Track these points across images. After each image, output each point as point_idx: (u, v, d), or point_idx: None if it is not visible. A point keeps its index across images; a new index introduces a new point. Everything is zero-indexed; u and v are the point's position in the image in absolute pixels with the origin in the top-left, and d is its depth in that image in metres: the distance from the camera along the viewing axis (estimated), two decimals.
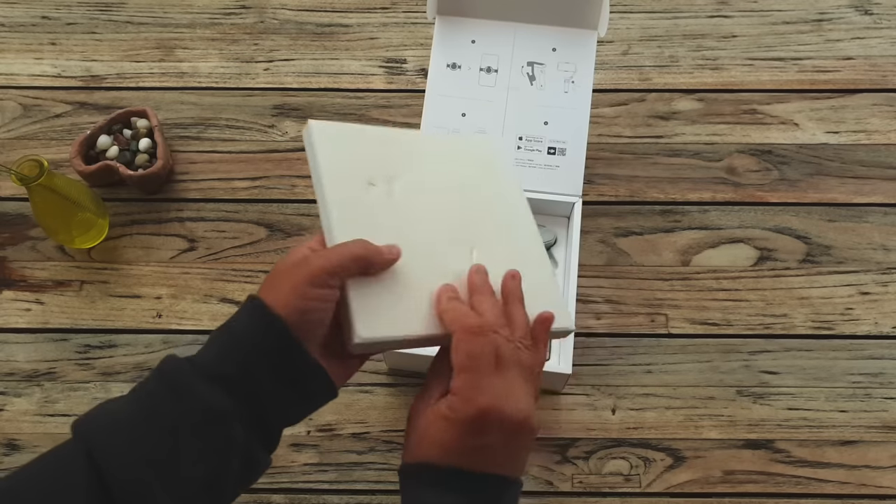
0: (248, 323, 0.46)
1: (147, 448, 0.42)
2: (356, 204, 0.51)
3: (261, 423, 0.45)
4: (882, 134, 0.85)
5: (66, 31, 0.91)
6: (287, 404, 0.46)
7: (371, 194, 0.52)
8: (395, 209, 0.52)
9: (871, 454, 0.72)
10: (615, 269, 0.79)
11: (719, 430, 0.73)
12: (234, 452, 0.44)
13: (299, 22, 0.92)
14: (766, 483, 0.71)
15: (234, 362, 0.45)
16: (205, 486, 0.43)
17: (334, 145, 0.52)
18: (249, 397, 0.44)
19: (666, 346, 0.76)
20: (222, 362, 0.45)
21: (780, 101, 0.87)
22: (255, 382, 0.45)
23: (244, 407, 0.44)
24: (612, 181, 0.83)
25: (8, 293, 0.78)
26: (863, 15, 0.91)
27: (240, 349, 0.45)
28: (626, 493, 0.71)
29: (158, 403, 0.43)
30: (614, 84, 0.88)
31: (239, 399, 0.44)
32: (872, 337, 0.76)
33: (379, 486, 0.71)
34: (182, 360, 0.45)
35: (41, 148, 0.85)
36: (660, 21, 0.92)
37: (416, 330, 0.49)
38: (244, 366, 0.44)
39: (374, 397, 0.74)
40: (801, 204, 0.82)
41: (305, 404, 0.48)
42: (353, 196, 0.51)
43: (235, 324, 0.46)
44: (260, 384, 0.45)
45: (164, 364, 0.45)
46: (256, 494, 0.70)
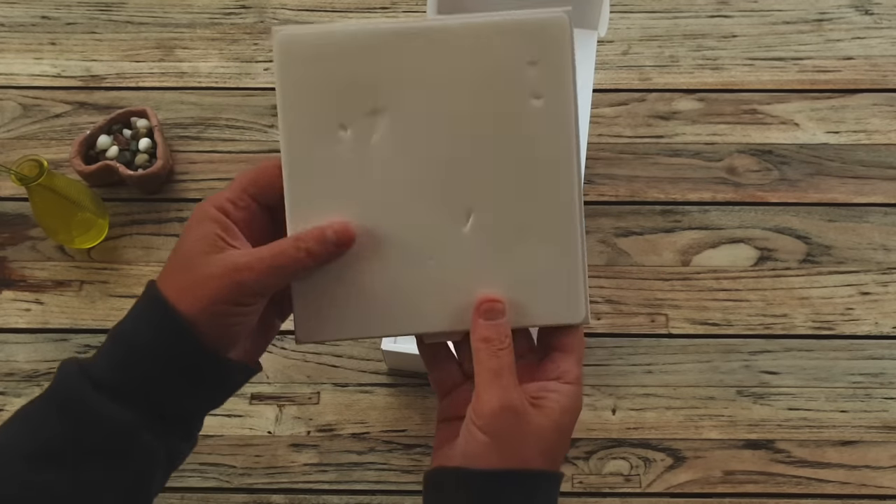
0: (147, 324, 0.40)
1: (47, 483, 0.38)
2: (319, 163, 0.41)
3: (175, 423, 0.42)
4: (882, 134, 0.85)
5: (66, 30, 0.91)
6: (201, 402, 0.43)
7: (340, 145, 0.41)
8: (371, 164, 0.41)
9: (872, 454, 0.72)
10: (615, 269, 0.79)
11: (719, 430, 0.73)
12: (150, 462, 0.40)
13: (299, 22, 0.92)
14: (766, 483, 0.71)
15: (132, 371, 0.40)
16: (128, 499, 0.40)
17: (304, 71, 0.41)
18: (156, 405, 0.40)
19: (666, 347, 0.76)
20: (119, 371, 0.40)
21: (780, 101, 0.87)
22: (159, 390, 0.40)
23: (151, 417, 0.40)
24: (613, 181, 0.83)
25: (8, 293, 0.78)
26: (863, 15, 0.91)
27: (137, 356, 0.40)
28: (626, 494, 0.70)
29: (53, 433, 0.39)
30: (614, 84, 0.88)
31: (144, 409, 0.40)
32: (873, 337, 0.76)
33: (379, 487, 0.71)
34: (75, 371, 0.40)
35: (41, 148, 0.85)
36: (660, 21, 0.92)
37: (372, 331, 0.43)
38: (145, 374, 0.40)
39: (374, 397, 0.74)
40: (801, 204, 0.82)
41: (223, 394, 0.44)
42: (316, 151, 0.41)
43: (130, 324, 0.41)
44: (166, 392, 0.40)
45: (56, 385, 0.40)
46: (256, 494, 0.70)
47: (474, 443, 0.40)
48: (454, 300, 0.42)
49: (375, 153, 0.42)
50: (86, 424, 0.39)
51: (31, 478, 0.38)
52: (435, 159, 0.42)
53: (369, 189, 0.42)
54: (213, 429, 0.73)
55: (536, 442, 0.40)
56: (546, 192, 0.42)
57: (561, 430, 0.41)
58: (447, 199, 0.42)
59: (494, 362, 0.40)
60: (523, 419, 0.40)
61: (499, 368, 0.40)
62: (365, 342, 0.76)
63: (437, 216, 0.42)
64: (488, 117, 0.41)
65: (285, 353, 0.75)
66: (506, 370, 0.40)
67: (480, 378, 0.40)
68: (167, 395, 0.40)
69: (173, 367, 0.40)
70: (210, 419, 0.72)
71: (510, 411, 0.39)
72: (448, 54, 0.41)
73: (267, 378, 0.74)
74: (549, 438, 0.40)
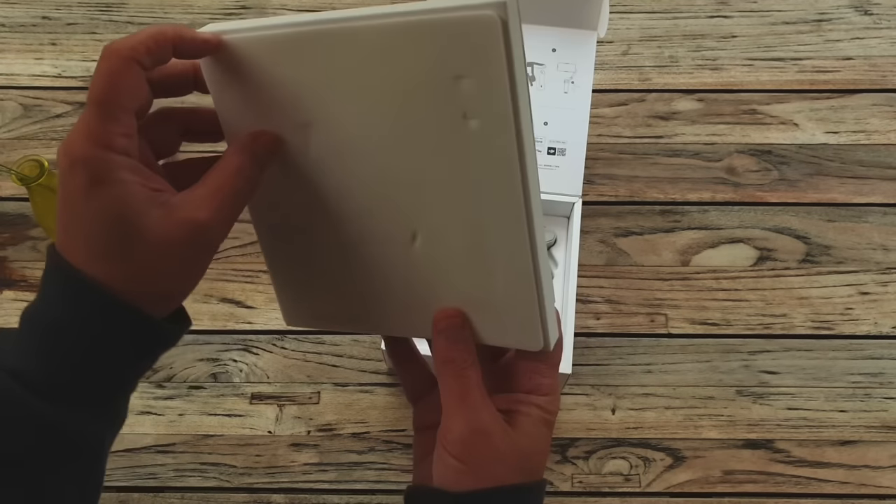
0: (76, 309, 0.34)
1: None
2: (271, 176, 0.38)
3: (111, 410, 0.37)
4: (882, 134, 0.85)
5: (67, 31, 0.91)
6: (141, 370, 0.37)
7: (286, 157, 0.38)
8: (315, 178, 0.38)
9: (871, 454, 0.72)
10: (615, 269, 0.79)
11: (719, 429, 0.73)
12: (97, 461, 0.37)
13: None
14: (765, 483, 0.71)
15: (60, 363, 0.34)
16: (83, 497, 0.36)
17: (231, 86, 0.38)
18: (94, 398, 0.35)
19: (666, 346, 0.76)
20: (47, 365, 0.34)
21: (779, 102, 0.87)
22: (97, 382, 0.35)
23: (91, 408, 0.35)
24: (612, 181, 0.83)
25: (8, 293, 0.78)
26: (862, 15, 0.91)
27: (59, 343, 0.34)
28: (625, 493, 0.71)
29: None
30: (614, 84, 0.88)
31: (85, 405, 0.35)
32: (872, 337, 0.76)
33: (379, 486, 0.71)
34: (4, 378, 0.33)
35: (41, 148, 0.85)
36: (659, 21, 0.92)
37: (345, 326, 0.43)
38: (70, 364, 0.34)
39: (374, 397, 0.74)
40: (800, 204, 0.82)
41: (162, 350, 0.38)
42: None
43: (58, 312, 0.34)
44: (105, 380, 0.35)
45: None
46: (256, 494, 0.70)
47: (447, 468, 0.38)
48: (416, 309, 0.40)
49: (315, 167, 0.38)
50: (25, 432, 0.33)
51: None
52: (371, 178, 0.37)
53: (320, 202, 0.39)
54: (214, 429, 0.73)
55: (512, 460, 0.38)
56: (492, 218, 0.36)
57: (536, 442, 0.39)
58: (392, 219, 0.38)
59: (458, 385, 0.38)
60: (495, 439, 0.37)
61: (463, 391, 0.38)
62: (365, 342, 0.76)
63: (385, 234, 0.39)
64: (420, 136, 0.35)
65: (285, 353, 0.76)
66: (472, 390, 0.38)
67: (446, 402, 0.38)
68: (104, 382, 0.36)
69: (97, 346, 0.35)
70: (210, 419, 0.73)
71: (479, 434, 0.37)
72: (367, 60, 0.34)
73: (267, 378, 0.75)
74: (525, 454, 0.38)
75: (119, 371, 0.36)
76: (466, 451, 0.37)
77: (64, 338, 0.34)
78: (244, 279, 0.79)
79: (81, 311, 0.34)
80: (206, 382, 0.74)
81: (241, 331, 0.76)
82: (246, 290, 0.78)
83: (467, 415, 0.37)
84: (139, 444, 0.72)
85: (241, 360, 0.75)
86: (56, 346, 0.34)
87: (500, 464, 0.38)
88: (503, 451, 0.38)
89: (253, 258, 0.80)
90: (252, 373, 0.75)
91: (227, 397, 0.74)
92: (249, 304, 0.78)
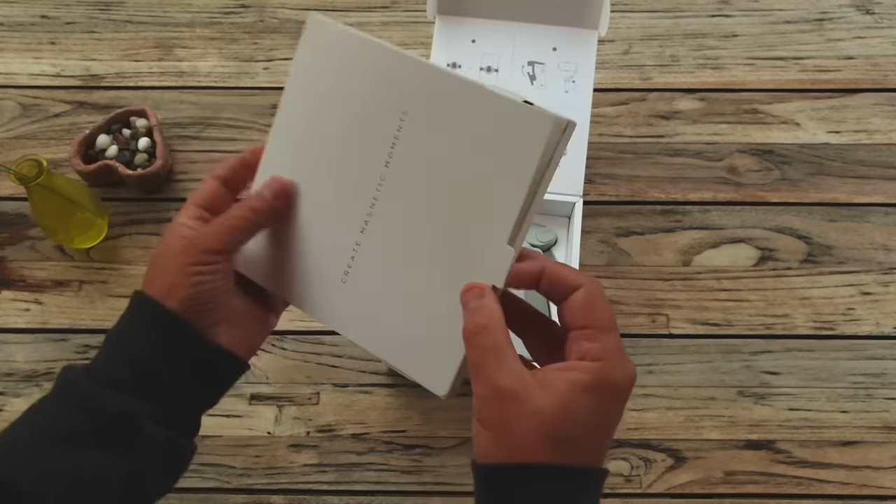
0: (138, 321, 0.44)
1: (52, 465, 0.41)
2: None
3: (172, 413, 0.44)
4: (883, 134, 0.85)
5: (66, 30, 0.91)
6: (194, 391, 0.46)
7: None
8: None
9: (873, 455, 0.72)
10: (616, 269, 0.79)
11: (720, 430, 0.72)
12: (151, 451, 0.43)
13: (299, 21, 0.92)
14: (767, 484, 0.71)
15: (129, 364, 0.44)
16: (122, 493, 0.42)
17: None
18: (152, 392, 0.43)
19: (667, 347, 0.76)
20: (118, 367, 0.44)
21: (781, 101, 0.87)
22: (155, 380, 0.44)
23: (150, 404, 0.43)
24: (613, 181, 0.83)
25: (7, 293, 0.78)
26: (864, 14, 0.91)
27: (132, 350, 0.44)
28: (626, 494, 0.70)
29: (60, 419, 0.42)
30: (615, 83, 0.88)
31: (143, 398, 0.43)
32: (874, 337, 0.76)
33: (379, 487, 0.71)
34: (78, 369, 0.44)
35: (40, 147, 0.85)
36: (661, 20, 0.91)
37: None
38: (141, 366, 0.43)
39: (374, 397, 0.74)
40: (802, 204, 0.82)
41: (216, 388, 0.47)
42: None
43: (125, 325, 0.45)
44: (159, 378, 0.44)
45: (61, 380, 0.44)
46: (256, 495, 0.70)
47: (477, 435, 0.37)
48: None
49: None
50: (88, 411, 0.42)
51: (39, 459, 0.41)
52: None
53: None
54: (213, 429, 0.72)
55: (535, 426, 0.35)
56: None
57: (568, 409, 0.35)
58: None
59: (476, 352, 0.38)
60: (516, 401, 0.36)
61: (482, 356, 0.37)
62: None
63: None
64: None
65: (285, 353, 0.75)
66: (491, 352, 0.37)
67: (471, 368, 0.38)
68: (161, 383, 0.44)
69: (163, 353, 0.44)
70: (209, 420, 0.72)
71: (497, 396, 0.36)
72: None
73: (266, 378, 0.74)
74: (551, 421, 0.35)
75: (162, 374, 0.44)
76: (489, 415, 0.36)
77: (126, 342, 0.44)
78: None
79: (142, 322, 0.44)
80: None
81: None
82: None
83: (485, 379, 0.37)
84: None
85: None
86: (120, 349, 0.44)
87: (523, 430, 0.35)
88: (524, 415, 0.35)
89: None
90: (251, 373, 0.74)
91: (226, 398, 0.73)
92: None
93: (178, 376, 0.44)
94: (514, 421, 0.36)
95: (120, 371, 0.43)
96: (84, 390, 0.42)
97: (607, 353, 0.37)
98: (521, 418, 0.35)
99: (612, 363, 0.37)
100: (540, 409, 0.35)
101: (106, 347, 0.45)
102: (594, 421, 0.36)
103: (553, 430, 0.35)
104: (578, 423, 0.36)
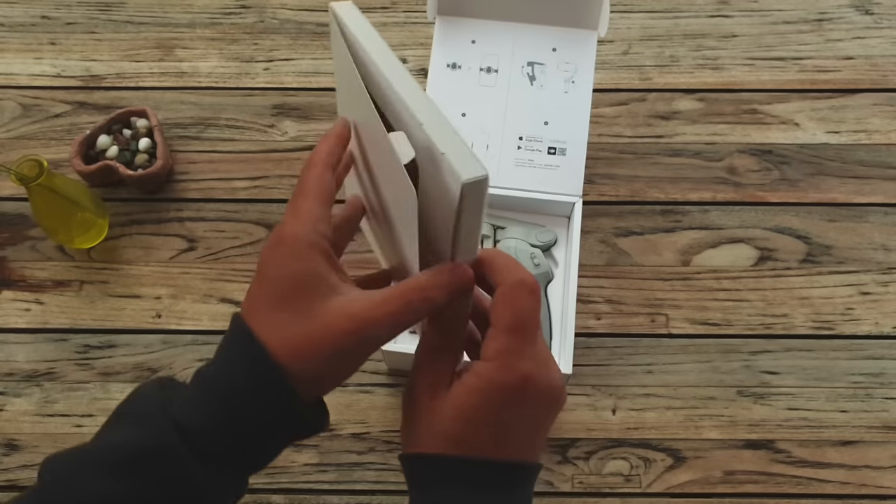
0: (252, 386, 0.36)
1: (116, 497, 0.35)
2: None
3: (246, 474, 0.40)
4: (883, 134, 0.85)
5: (66, 30, 0.91)
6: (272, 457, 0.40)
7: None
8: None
9: (872, 454, 0.72)
10: (615, 269, 0.79)
11: (720, 430, 0.73)
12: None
13: (299, 22, 0.92)
14: (766, 483, 0.71)
15: (233, 435, 0.37)
16: None
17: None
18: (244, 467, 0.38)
19: (666, 347, 0.76)
20: (218, 434, 0.36)
21: (780, 101, 0.87)
22: (254, 453, 0.38)
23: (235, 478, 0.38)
24: (613, 181, 0.83)
25: (7, 293, 0.78)
26: (863, 15, 0.91)
27: (241, 419, 0.37)
28: (626, 494, 0.70)
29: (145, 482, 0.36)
30: (615, 84, 0.88)
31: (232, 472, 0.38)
32: (873, 337, 0.76)
33: (379, 487, 0.71)
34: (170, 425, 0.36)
35: (41, 148, 0.85)
36: (660, 21, 0.91)
37: None
38: (245, 440, 0.37)
39: (374, 397, 0.74)
40: (801, 204, 0.82)
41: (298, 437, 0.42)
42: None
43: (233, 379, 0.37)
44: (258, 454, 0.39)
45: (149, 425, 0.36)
46: (256, 495, 0.70)
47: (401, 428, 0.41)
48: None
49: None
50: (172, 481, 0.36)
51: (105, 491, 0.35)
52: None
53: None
54: None
55: (429, 424, 0.38)
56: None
57: (458, 409, 0.37)
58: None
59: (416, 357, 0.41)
60: (418, 405, 0.39)
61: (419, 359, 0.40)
62: None
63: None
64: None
65: None
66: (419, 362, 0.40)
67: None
68: (257, 453, 0.38)
69: (270, 426, 0.37)
70: None
71: (408, 399, 0.40)
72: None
73: None
74: (445, 420, 0.37)
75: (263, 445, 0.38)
76: (404, 413, 0.40)
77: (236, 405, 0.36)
78: (244, 279, 0.79)
79: (256, 381, 0.36)
80: None
81: None
82: (245, 290, 0.78)
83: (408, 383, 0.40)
84: None
85: None
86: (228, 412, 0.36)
87: (420, 429, 0.39)
88: (423, 417, 0.38)
89: (252, 258, 0.80)
90: None
91: None
92: None
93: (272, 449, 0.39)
94: (414, 420, 0.39)
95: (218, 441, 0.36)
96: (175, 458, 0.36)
97: (499, 354, 0.37)
98: (419, 419, 0.39)
99: (503, 364, 0.37)
100: (436, 412, 0.38)
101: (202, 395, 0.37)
102: (488, 419, 0.37)
103: (446, 429, 0.38)
104: (469, 421, 0.37)
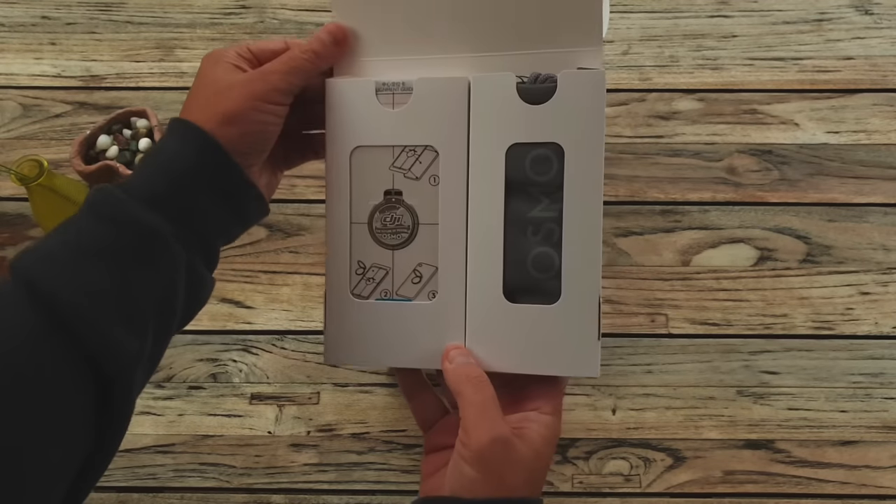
0: (180, 146, 0.43)
1: (92, 277, 0.39)
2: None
3: (199, 240, 0.44)
4: (882, 134, 0.85)
5: (66, 31, 0.91)
6: (222, 223, 0.45)
7: None
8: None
9: (872, 454, 0.72)
10: (615, 269, 0.79)
11: (719, 430, 0.73)
12: (178, 272, 0.42)
13: (299, 22, 0.92)
14: (766, 483, 0.71)
15: (168, 182, 0.42)
16: (156, 312, 0.41)
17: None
18: (184, 215, 0.43)
19: (666, 347, 0.76)
20: (153, 184, 0.42)
21: (780, 101, 0.87)
22: (189, 201, 0.43)
23: (180, 226, 0.42)
24: (612, 181, 0.83)
25: None
26: (863, 15, 0.91)
27: (171, 171, 0.43)
28: (626, 494, 0.70)
29: (93, 234, 0.41)
30: (614, 84, 0.88)
31: (174, 218, 0.42)
32: (873, 337, 0.76)
33: (379, 487, 0.71)
34: (110, 187, 0.42)
35: (41, 148, 0.85)
36: (660, 21, 0.92)
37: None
38: (176, 186, 0.43)
39: (374, 397, 0.74)
40: (801, 204, 0.82)
41: (240, 223, 0.47)
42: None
43: (165, 148, 0.44)
44: (194, 202, 0.43)
45: (92, 196, 0.42)
46: (256, 495, 0.70)
47: (463, 477, 0.42)
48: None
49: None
50: (121, 226, 0.41)
51: (81, 272, 0.39)
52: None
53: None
54: (213, 429, 0.73)
55: (521, 471, 0.42)
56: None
57: (541, 458, 0.43)
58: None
59: (479, 398, 0.43)
60: (510, 449, 0.42)
61: (484, 402, 0.43)
62: None
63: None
64: None
65: (285, 353, 0.75)
66: (490, 403, 0.43)
67: (467, 413, 0.42)
68: (196, 208, 0.43)
69: (206, 181, 0.43)
70: (209, 419, 0.73)
71: (499, 443, 0.42)
72: None
73: (267, 378, 0.74)
74: (532, 467, 0.42)
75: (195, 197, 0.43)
76: (485, 459, 0.41)
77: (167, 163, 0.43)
78: (244, 279, 0.79)
79: (187, 147, 0.43)
80: (206, 383, 0.74)
81: (240, 331, 0.76)
82: (245, 290, 0.78)
83: (488, 424, 0.42)
84: (138, 445, 0.72)
85: (241, 361, 0.75)
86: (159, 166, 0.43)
87: (513, 474, 0.42)
88: (515, 462, 0.42)
89: (252, 258, 0.80)
90: (251, 373, 0.74)
91: (227, 397, 0.74)
92: (249, 304, 0.78)
93: (214, 205, 0.44)
94: (505, 465, 0.42)
95: (156, 186, 0.42)
96: (119, 206, 0.41)
97: (558, 408, 0.45)
98: (511, 464, 0.42)
99: (560, 417, 0.45)
100: (524, 458, 0.42)
101: (142, 166, 0.43)
102: (549, 465, 0.44)
103: (532, 475, 0.43)
104: (545, 468, 0.44)
